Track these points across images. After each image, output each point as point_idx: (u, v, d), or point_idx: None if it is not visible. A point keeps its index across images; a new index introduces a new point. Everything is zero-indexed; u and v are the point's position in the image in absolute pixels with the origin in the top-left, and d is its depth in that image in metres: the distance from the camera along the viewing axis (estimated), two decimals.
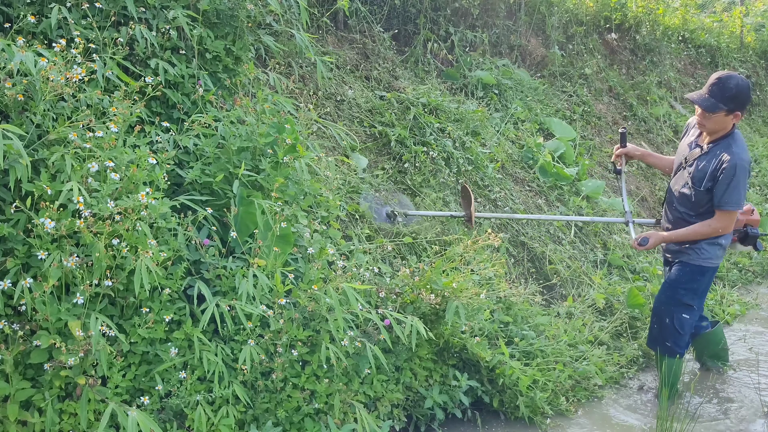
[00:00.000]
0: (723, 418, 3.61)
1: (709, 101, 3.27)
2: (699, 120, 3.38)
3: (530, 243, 4.75)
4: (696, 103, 3.31)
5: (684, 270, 3.56)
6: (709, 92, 3.29)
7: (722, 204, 3.33)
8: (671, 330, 3.60)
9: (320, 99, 4.39)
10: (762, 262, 6.25)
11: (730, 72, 3.34)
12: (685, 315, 3.59)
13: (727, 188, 3.28)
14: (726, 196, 3.30)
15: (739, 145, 3.33)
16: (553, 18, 6.92)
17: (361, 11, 5.20)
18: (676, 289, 3.59)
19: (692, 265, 3.53)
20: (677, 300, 3.59)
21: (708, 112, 3.28)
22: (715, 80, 3.29)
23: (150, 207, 2.44)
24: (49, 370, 2.30)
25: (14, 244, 2.31)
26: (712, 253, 3.49)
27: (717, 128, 3.36)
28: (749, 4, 10.49)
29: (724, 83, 3.25)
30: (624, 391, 3.85)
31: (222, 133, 3.00)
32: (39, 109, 2.41)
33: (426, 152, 4.60)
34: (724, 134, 3.38)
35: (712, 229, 3.40)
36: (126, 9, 2.95)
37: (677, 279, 3.58)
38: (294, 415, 2.70)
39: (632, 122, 7.35)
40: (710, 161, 3.36)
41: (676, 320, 3.59)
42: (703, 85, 3.74)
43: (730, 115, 3.29)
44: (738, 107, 3.28)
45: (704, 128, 3.39)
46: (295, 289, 2.83)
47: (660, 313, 3.65)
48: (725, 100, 3.25)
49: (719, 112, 3.27)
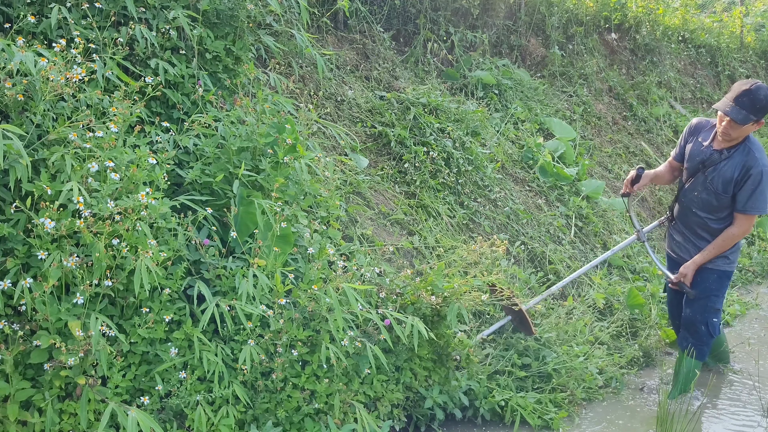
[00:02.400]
0: (723, 418, 3.61)
1: (740, 113, 3.28)
2: (725, 130, 3.38)
3: (530, 243, 4.75)
4: (729, 116, 3.31)
5: (712, 277, 3.60)
6: (739, 103, 3.30)
7: (747, 209, 3.41)
8: (706, 336, 3.67)
9: (320, 99, 4.39)
10: (762, 262, 6.25)
11: (757, 82, 3.35)
12: (716, 319, 3.67)
13: (753, 194, 3.37)
14: (751, 202, 3.39)
15: (759, 150, 3.41)
16: (553, 18, 6.92)
17: (361, 11, 5.20)
18: (708, 297, 3.62)
19: (720, 271, 3.59)
20: (710, 307, 3.63)
21: (740, 125, 3.30)
22: (745, 91, 3.29)
23: (150, 207, 2.44)
24: (49, 370, 2.30)
25: (14, 244, 2.31)
26: (735, 257, 3.62)
27: (740, 136, 3.40)
28: (749, 4, 10.49)
29: (755, 95, 3.27)
30: (624, 392, 3.85)
31: (222, 133, 3.00)
32: (39, 109, 2.41)
33: (426, 152, 4.60)
34: (743, 139, 3.44)
35: (735, 236, 3.49)
36: (126, 9, 2.95)
37: (708, 287, 3.61)
38: (294, 415, 2.70)
39: (632, 122, 7.35)
40: (734, 167, 3.40)
41: (710, 326, 3.66)
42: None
43: (755, 124, 3.34)
44: (764, 116, 3.33)
45: (729, 137, 3.40)
46: (295, 289, 2.83)
47: (695, 323, 3.67)
48: (755, 111, 3.28)
49: (749, 123, 3.30)
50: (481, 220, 4.65)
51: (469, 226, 4.56)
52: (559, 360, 3.68)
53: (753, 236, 6.67)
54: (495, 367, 3.59)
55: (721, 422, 3.57)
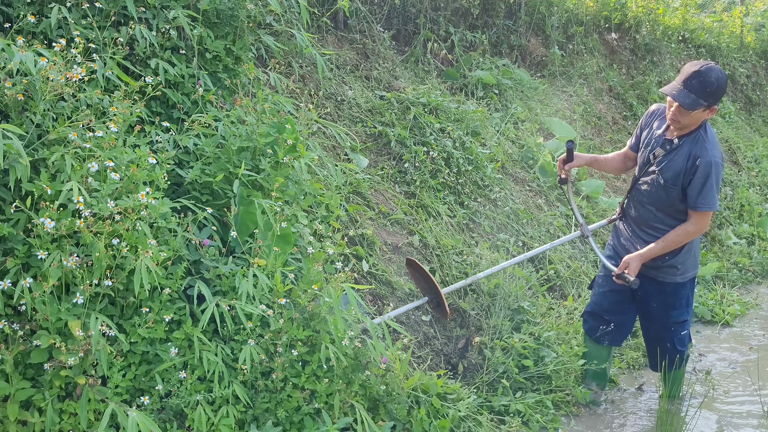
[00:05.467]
0: (723, 418, 3.61)
1: (689, 98, 2.94)
2: (674, 116, 3.04)
3: (530, 243, 4.75)
4: (675, 99, 2.97)
5: (665, 290, 3.33)
6: (688, 87, 2.96)
7: (698, 205, 3.07)
8: (674, 351, 3.45)
9: (320, 99, 4.39)
10: (762, 262, 6.25)
11: (708, 63, 2.99)
12: (683, 331, 3.44)
13: (702, 189, 3.04)
14: (701, 197, 3.05)
15: (711, 141, 3.07)
16: (553, 18, 6.91)
17: (361, 11, 5.20)
18: (668, 312, 3.37)
19: (671, 284, 3.32)
20: (672, 322, 3.39)
21: (688, 110, 2.97)
22: (694, 73, 2.95)
23: (150, 207, 2.44)
24: (49, 370, 2.29)
25: (14, 244, 2.31)
26: (688, 265, 3.30)
27: (691, 123, 3.06)
28: (749, 4, 10.49)
29: (705, 77, 2.93)
30: (624, 392, 3.85)
31: (222, 133, 3.00)
32: (39, 109, 2.41)
33: (426, 152, 4.60)
34: (696, 127, 3.11)
35: (689, 233, 3.15)
36: (126, 9, 2.95)
37: (665, 301, 3.35)
38: (294, 414, 2.70)
39: (632, 122, 7.35)
40: (682, 158, 3.09)
41: (677, 341, 3.44)
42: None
43: (707, 110, 3.00)
44: (716, 102, 2.99)
45: (678, 124, 3.06)
46: (295, 289, 2.83)
47: (658, 340, 3.46)
48: (705, 96, 2.94)
49: (699, 109, 2.96)
50: (481, 220, 4.65)
51: (469, 226, 4.56)
52: (559, 360, 3.68)
53: (753, 236, 6.67)
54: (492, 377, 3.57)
55: (721, 422, 3.57)
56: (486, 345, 3.71)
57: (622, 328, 3.57)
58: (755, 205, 7.12)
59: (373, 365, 2.83)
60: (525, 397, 3.45)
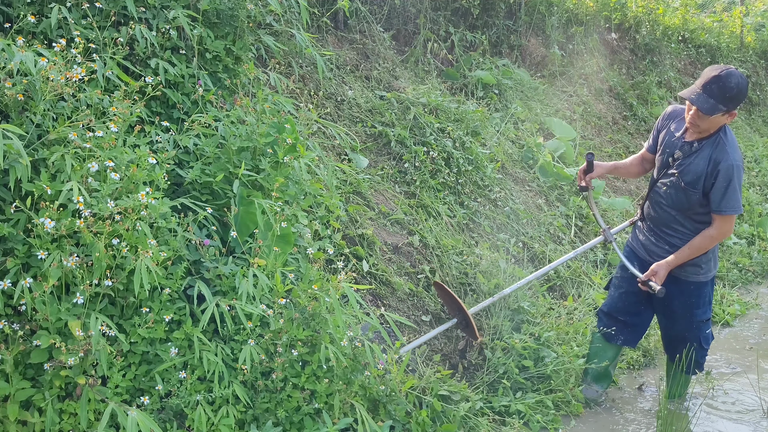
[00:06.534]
0: (723, 418, 3.61)
1: (708, 102, 2.93)
2: (692, 120, 3.05)
3: (530, 243, 4.75)
4: (694, 103, 2.97)
5: (687, 289, 3.34)
6: (707, 91, 2.95)
7: (722, 209, 3.07)
8: (700, 350, 3.48)
9: (320, 99, 4.39)
10: (762, 262, 6.24)
11: (728, 68, 2.97)
12: (707, 330, 3.47)
13: (725, 192, 3.04)
14: (725, 201, 3.05)
15: (731, 144, 3.08)
16: (553, 18, 6.92)
17: (361, 11, 5.20)
18: (692, 311, 3.39)
19: (694, 282, 3.33)
20: (696, 321, 3.41)
21: (707, 115, 2.96)
22: (713, 78, 2.94)
23: (150, 207, 2.44)
24: (49, 370, 2.29)
25: (14, 244, 2.31)
26: (710, 266, 3.33)
27: (710, 127, 3.06)
28: (749, 4, 10.49)
29: (724, 82, 2.92)
30: (624, 392, 3.85)
31: (222, 133, 3.00)
32: (39, 109, 2.41)
33: (426, 152, 4.60)
34: (715, 131, 3.10)
35: (713, 239, 3.16)
36: (126, 9, 2.95)
37: (687, 301, 3.37)
38: (294, 415, 2.70)
39: (632, 122, 7.35)
40: (703, 161, 3.09)
41: (702, 339, 3.47)
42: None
43: (726, 115, 3.01)
44: (735, 106, 2.99)
45: (697, 128, 3.06)
46: (295, 289, 2.83)
47: (683, 340, 3.46)
48: (725, 101, 2.93)
49: (718, 114, 2.96)
50: (481, 220, 4.65)
51: (469, 226, 4.56)
52: (560, 361, 3.67)
53: (753, 236, 6.67)
54: (492, 378, 3.57)
55: (721, 422, 3.57)
56: (486, 345, 3.71)
57: (638, 329, 3.59)
58: (755, 205, 7.12)
59: (371, 367, 2.83)
60: (525, 398, 3.45)
